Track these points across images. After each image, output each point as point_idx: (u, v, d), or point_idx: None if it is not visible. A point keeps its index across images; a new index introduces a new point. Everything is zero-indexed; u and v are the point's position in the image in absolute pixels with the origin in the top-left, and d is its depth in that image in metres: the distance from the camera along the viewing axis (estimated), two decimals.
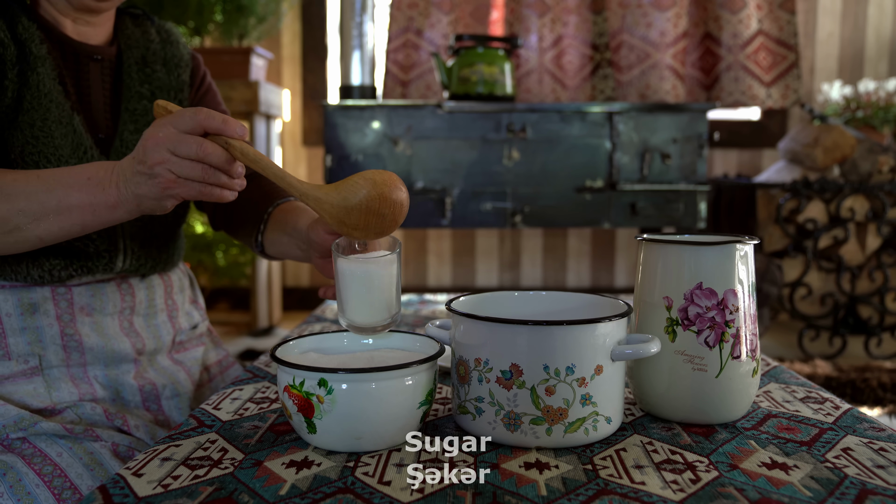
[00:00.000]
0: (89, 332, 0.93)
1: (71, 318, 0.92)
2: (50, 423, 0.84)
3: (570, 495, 0.55)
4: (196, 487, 0.57)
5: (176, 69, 1.06)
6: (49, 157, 0.88)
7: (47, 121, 0.89)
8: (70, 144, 0.90)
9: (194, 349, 1.09)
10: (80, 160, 0.91)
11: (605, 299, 0.75)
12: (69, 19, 0.95)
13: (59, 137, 0.89)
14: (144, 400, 0.96)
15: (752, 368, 0.71)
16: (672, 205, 2.37)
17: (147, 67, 1.02)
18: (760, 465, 0.61)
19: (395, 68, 2.94)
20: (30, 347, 0.89)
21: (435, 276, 3.35)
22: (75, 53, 0.95)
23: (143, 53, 1.03)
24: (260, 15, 2.79)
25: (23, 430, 0.83)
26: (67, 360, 0.91)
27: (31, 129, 0.88)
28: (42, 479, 0.78)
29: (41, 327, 0.90)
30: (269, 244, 1.01)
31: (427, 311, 1.31)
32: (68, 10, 0.94)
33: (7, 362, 0.88)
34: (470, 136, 2.33)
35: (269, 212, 1.01)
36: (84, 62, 0.96)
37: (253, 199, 1.03)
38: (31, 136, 0.88)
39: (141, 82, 1.01)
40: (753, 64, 2.95)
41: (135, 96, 1.00)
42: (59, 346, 0.91)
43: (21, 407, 0.86)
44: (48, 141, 0.89)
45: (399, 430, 0.65)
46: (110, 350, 0.94)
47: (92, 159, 0.92)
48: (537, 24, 2.95)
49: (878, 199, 2.50)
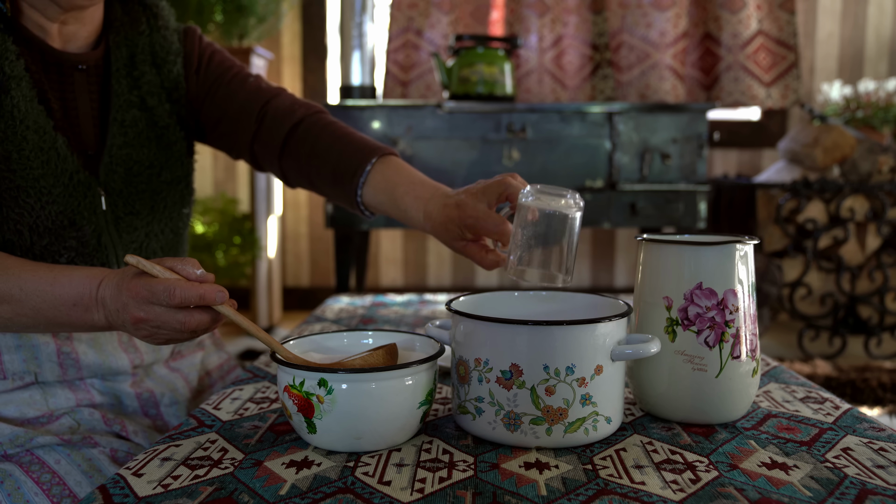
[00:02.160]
0: (87, 349, 0.89)
1: (68, 336, 0.88)
2: (46, 437, 0.82)
3: (570, 495, 0.55)
4: (196, 487, 0.57)
5: (166, 65, 0.99)
6: (28, 191, 0.83)
7: (23, 150, 0.82)
8: (53, 173, 0.85)
9: (192, 355, 1.06)
10: (65, 187, 0.86)
11: (605, 299, 0.75)
12: (57, 23, 0.88)
13: (37, 167, 0.84)
14: (143, 406, 0.94)
15: (752, 368, 0.71)
16: (672, 205, 2.37)
17: (135, 70, 0.96)
18: (760, 465, 0.61)
19: (395, 68, 2.94)
20: (25, 365, 0.86)
21: (435, 276, 3.35)
22: (58, 64, 0.89)
23: (132, 52, 0.96)
24: (260, 15, 2.79)
25: (19, 447, 0.81)
26: (63, 376, 0.88)
27: (6, 163, 0.82)
28: (41, 487, 0.77)
29: (37, 345, 0.87)
30: (372, 201, 0.98)
31: (427, 311, 1.31)
32: (56, 14, 0.87)
33: (2, 381, 0.85)
34: (470, 136, 2.33)
35: (363, 180, 0.96)
36: (68, 73, 0.90)
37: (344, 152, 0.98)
38: (8, 171, 0.82)
39: (130, 88, 0.95)
40: (753, 64, 2.95)
41: (123, 105, 0.94)
42: (55, 363, 0.87)
43: (17, 417, 0.84)
44: (26, 173, 0.83)
45: (399, 430, 0.65)
46: (107, 366, 0.91)
47: (79, 184, 0.87)
48: (537, 24, 2.95)
49: (878, 199, 2.50)
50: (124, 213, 0.93)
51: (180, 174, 1.00)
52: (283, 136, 1.01)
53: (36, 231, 0.84)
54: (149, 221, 0.96)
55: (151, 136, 0.96)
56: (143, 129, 0.95)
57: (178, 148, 1.00)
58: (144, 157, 0.95)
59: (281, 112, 1.02)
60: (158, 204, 0.97)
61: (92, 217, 0.89)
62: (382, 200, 0.97)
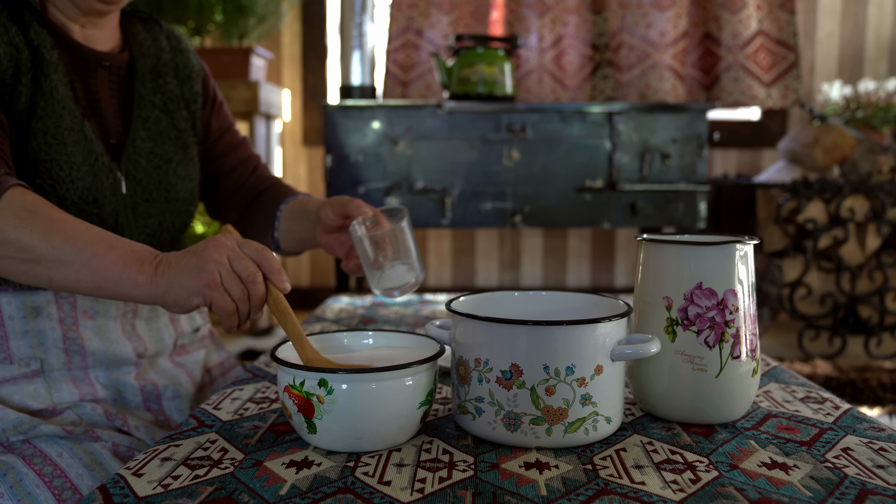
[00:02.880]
0: (91, 335, 0.93)
1: (73, 322, 0.92)
2: (50, 426, 0.84)
3: (570, 495, 0.55)
4: (196, 487, 0.57)
5: (188, 80, 1.08)
6: (62, 164, 0.89)
7: (60, 128, 0.89)
8: (82, 151, 0.91)
9: (196, 352, 1.08)
10: (91, 167, 0.91)
11: (605, 299, 0.75)
12: (77, 24, 0.95)
13: (71, 144, 0.90)
14: (145, 400, 0.96)
15: (752, 368, 0.71)
16: (672, 205, 2.37)
17: (160, 79, 1.04)
18: (760, 465, 0.61)
19: (395, 68, 2.94)
20: (31, 351, 0.89)
21: (435, 276, 3.35)
22: (84, 59, 0.95)
23: (155, 63, 1.04)
24: (260, 15, 2.79)
25: (22, 434, 0.83)
26: (69, 364, 0.91)
27: (44, 137, 0.88)
28: (42, 480, 0.79)
29: (43, 331, 0.90)
30: (284, 235, 1.11)
31: (427, 311, 1.31)
32: (76, 15, 0.94)
33: (8, 366, 0.88)
34: (470, 136, 2.33)
35: (281, 209, 1.11)
36: (92, 68, 0.96)
37: (265, 203, 1.14)
38: (45, 143, 0.88)
39: (154, 92, 1.02)
40: (753, 64, 2.95)
41: (147, 105, 1.01)
42: (60, 349, 0.90)
43: (21, 408, 0.86)
44: (61, 148, 0.89)
45: (399, 430, 0.65)
46: (112, 353, 0.94)
47: (103, 166, 0.93)
48: (537, 24, 2.95)
49: (878, 199, 2.50)
50: (142, 200, 0.98)
51: (193, 173, 1.07)
52: (252, 196, 1.16)
53: (63, 204, 0.90)
54: (162, 211, 1.01)
55: (172, 136, 1.04)
56: (164, 129, 1.03)
57: (191, 150, 1.07)
58: (164, 153, 1.02)
59: (259, 179, 1.18)
60: (172, 196, 1.02)
61: (112, 199, 0.94)
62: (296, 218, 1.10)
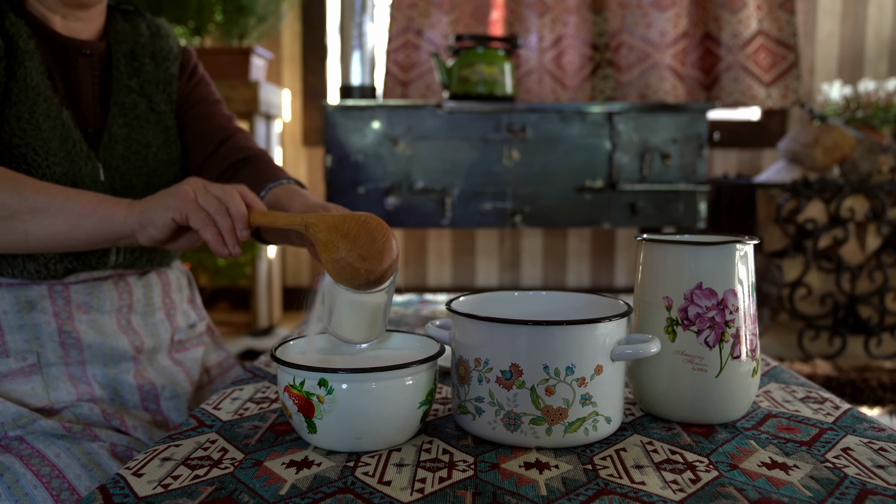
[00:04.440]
0: (87, 329, 0.93)
1: (68, 316, 0.92)
2: (48, 422, 0.84)
3: (570, 495, 0.55)
4: (196, 487, 0.57)
5: (164, 62, 1.07)
6: (37, 150, 0.89)
7: (35, 113, 0.90)
8: (58, 138, 0.91)
9: (194, 349, 1.08)
10: (68, 153, 0.92)
11: (604, 299, 0.75)
12: (58, 16, 0.96)
13: (46, 130, 0.90)
14: (143, 399, 0.96)
15: (752, 368, 0.71)
16: (672, 205, 2.37)
17: (136, 61, 1.03)
18: (760, 465, 0.61)
19: (395, 68, 2.94)
20: (27, 344, 0.89)
21: (435, 276, 3.35)
22: (64, 48, 0.96)
23: (132, 47, 1.04)
24: (260, 15, 2.79)
25: (21, 428, 0.83)
26: (66, 358, 0.91)
27: (17, 122, 0.89)
28: (40, 480, 0.78)
29: (38, 324, 0.90)
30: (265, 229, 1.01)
31: (427, 311, 1.31)
32: (57, 7, 0.94)
33: (5, 359, 0.88)
34: (470, 136, 2.33)
35: (262, 196, 0.98)
36: (73, 57, 0.97)
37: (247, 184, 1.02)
38: (19, 129, 0.89)
39: (129, 76, 1.02)
40: (753, 64, 2.95)
41: (123, 90, 1.01)
42: (56, 343, 0.91)
43: (19, 405, 0.86)
44: (36, 133, 0.89)
45: (399, 430, 0.65)
46: (108, 348, 0.94)
47: (80, 153, 0.93)
48: (537, 24, 2.95)
49: (878, 199, 2.50)
50: (121, 187, 0.98)
51: (175, 156, 1.06)
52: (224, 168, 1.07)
53: None
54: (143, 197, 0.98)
55: (150, 120, 1.03)
56: (141, 112, 1.02)
57: (172, 133, 1.06)
58: (142, 137, 1.01)
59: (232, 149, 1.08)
60: (153, 182, 1.02)
61: (92, 185, 0.94)
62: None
